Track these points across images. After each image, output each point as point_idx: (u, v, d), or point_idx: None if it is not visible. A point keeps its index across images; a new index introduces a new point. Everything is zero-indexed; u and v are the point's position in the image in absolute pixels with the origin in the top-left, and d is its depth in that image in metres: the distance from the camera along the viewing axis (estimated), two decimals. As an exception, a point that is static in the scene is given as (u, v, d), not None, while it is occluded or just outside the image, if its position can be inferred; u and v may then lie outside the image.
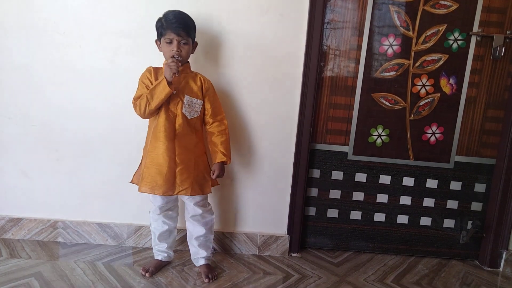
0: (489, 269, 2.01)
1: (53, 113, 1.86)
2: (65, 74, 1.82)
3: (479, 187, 2.02)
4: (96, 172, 1.91)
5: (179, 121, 1.60)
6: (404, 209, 2.04)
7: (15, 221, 1.94)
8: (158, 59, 1.70)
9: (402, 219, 2.06)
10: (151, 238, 1.82)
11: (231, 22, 1.79)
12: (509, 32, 1.86)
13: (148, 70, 1.64)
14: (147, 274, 1.70)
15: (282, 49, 1.82)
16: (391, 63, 1.90)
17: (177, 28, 1.54)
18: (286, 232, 2.01)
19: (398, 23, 1.87)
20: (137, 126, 1.83)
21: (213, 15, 1.77)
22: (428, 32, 1.87)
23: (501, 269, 2.01)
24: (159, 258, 1.78)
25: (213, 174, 1.67)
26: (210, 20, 1.76)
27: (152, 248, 1.83)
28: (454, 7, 1.85)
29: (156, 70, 1.64)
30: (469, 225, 2.04)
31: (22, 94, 1.84)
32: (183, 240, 1.95)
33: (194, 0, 1.75)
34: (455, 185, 2.01)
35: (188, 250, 1.93)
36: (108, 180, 1.92)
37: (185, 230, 1.92)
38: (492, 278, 1.94)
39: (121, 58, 1.81)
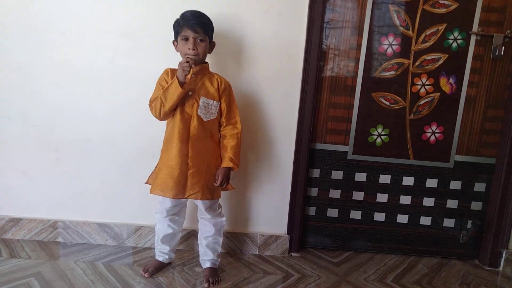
0: (489, 268, 2.01)
1: (53, 113, 1.86)
2: (65, 74, 1.82)
3: (479, 187, 2.02)
4: (96, 172, 1.91)
5: (194, 123, 1.57)
6: (404, 209, 2.05)
7: (15, 221, 1.94)
8: (157, 59, 1.71)
9: (402, 218, 2.06)
10: (154, 237, 1.81)
11: (230, 22, 1.79)
12: (508, 32, 1.86)
13: (166, 71, 1.62)
14: (146, 274, 1.70)
15: (281, 49, 1.82)
16: (391, 62, 1.90)
17: (193, 24, 1.51)
18: (286, 232, 2.01)
19: (397, 22, 1.87)
20: (137, 126, 1.84)
21: (212, 15, 1.76)
22: (428, 32, 1.87)
23: (501, 268, 2.01)
24: (160, 259, 1.78)
25: (217, 180, 1.61)
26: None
27: (152, 248, 1.84)
28: (454, 6, 1.85)
29: (174, 71, 1.59)
30: (469, 225, 2.04)
31: (22, 94, 1.84)
32: (184, 239, 1.95)
33: (193, 1, 1.74)
34: (455, 185, 2.01)
35: (189, 250, 1.94)
36: (108, 180, 1.92)
37: (187, 229, 1.93)
38: (492, 277, 1.94)
39: (121, 58, 1.81)
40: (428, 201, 2.04)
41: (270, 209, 1.98)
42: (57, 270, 1.71)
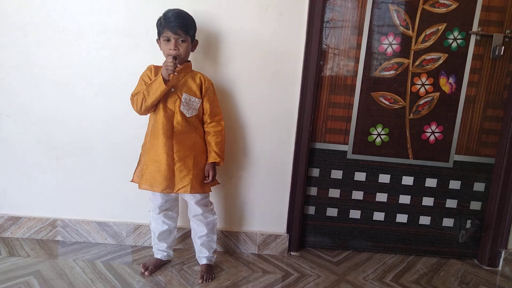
0: (488, 268, 2.01)
1: (53, 111, 1.86)
2: (64, 73, 1.82)
3: (478, 186, 2.02)
4: (95, 170, 1.91)
5: (177, 118, 1.60)
6: (403, 208, 2.05)
7: (14, 220, 1.94)
8: (157, 57, 1.70)
9: (401, 218, 2.06)
10: (151, 236, 1.82)
11: (230, 21, 1.78)
12: (508, 31, 1.86)
13: (149, 68, 1.65)
14: (146, 272, 1.70)
15: (281, 48, 1.82)
16: (391, 62, 1.90)
17: (174, 26, 1.54)
18: (286, 231, 2.01)
19: (397, 22, 1.87)
20: (136, 124, 1.83)
21: (212, 13, 1.77)
22: (428, 31, 1.87)
23: (499, 268, 2.01)
24: (159, 257, 1.78)
25: (207, 176, 1.66)
26: (209, 18, 1.76)
27: (151, 247, 1.83)
28: (454, 6, 1.85)
29: (157, 68, 1.64)
30: (468, 224, 2.04)
31: (21, 92, 1.84)
32: (183, 238, 1.95)
33: (192, 0, 1.74)
34: (454, 184, 2.02)
35: (188, 249, 1.94)
36: (108, 179, 1.92)
37: (185, 228, 1.93)
38: (491, 277, 1.94)
39: (120, 57, 1.81)
40: (428, 201, 2.04)
41: (269, 208, 1.98)
42: (56, 268, 1.71)
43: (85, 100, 1.85)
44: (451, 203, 2.04)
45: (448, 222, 2.06)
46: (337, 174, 2.01)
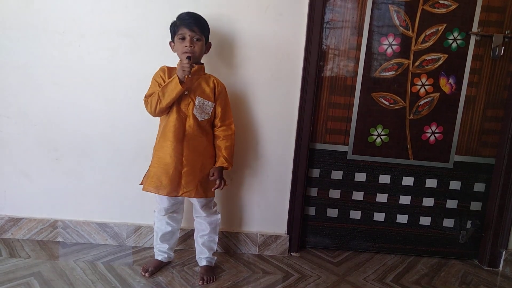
0: (489, 268, 2.01)
1: (53, 112, 1.86)
2: (64, 73, 1.82)
3: (479, 187, 2.02)
4: (95, 171, 1.91)
5: (189, 122, 1.59)
6: (403, 209, 2.05)
7: (15, 221, 1.94)
8: (157, 58, 1.71)
9: (402, 218, 2.06)
10: (153, 236, 1.81)
11: (230, 22, 1.79)
12: (508, 32, 1.86)
13: (162, 69, 1.64)
14: (146, 274, 1.70)
15: (281, 49, 1.82)
16: (391, 62, 1.90)
17: (190, 23, 1.55)
18: (286, 232, 2.01)
19: (397, 22, 1.87)
20: (136, 125, 1.84)
21: (212, 15, 1.76)
22: (428, 32, 1.87)
23: (500, 268, 2.01)
24: (159, 258, 1.78)
25: (212, 176, 1.64)
26: (209, 20, 1.76)
27: (152, 248, 1.83)
28: (454, 6, 1.85)
29: (170, 70, 1.63)
30: (469, 225, 2.04)
31: (21, 93, 1.84)
32: (183, 239, 1.95)
33: (192, 1, 1.75)
34: (455, 185, 2.02)
35: (188, 250, 1.94)
36: (108, 180, 1.92)
37: (187, 229, 1.94)
38: (492, 277, 1.94)
39: (120, 58, 1.81)
40: (428, 201, 2.04)
41: (269, 209, 1.98)
42: (57, 269, 1.71)
43: (85, 101, 1.85)
44: (451, 204, 2.04)
45: (448, 222, 2.06)
46: (337, 174, 2.01)
